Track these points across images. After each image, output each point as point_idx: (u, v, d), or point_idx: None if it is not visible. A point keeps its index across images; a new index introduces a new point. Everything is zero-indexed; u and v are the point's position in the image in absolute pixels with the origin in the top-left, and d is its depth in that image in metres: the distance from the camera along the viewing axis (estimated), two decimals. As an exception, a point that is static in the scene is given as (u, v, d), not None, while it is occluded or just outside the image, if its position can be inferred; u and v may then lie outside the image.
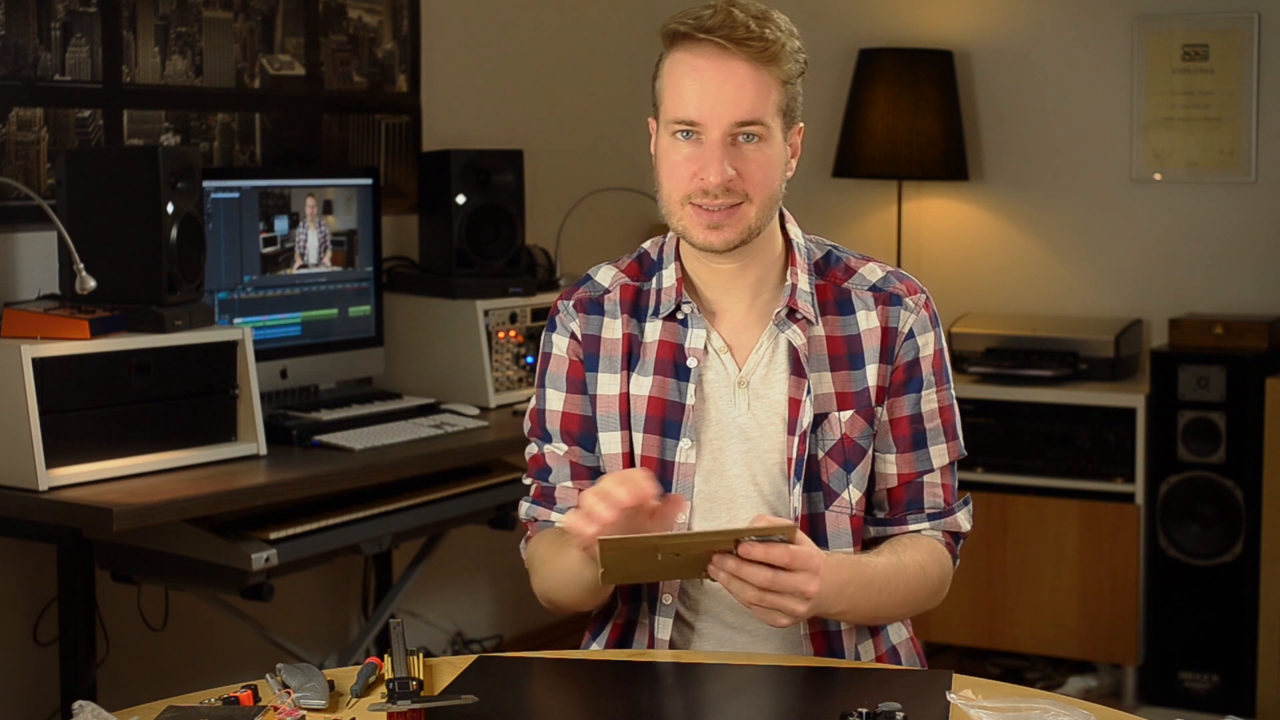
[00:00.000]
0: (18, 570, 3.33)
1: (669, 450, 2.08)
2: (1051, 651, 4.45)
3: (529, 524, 2.18)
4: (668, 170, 2.02)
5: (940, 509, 2.12)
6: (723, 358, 2.09)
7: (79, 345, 2.96)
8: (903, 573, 2.03)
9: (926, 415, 2.11)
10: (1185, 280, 4.61)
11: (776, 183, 2.03)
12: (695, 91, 1.98)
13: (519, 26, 4.61)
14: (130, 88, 3.53)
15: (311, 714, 1.78)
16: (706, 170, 1.98)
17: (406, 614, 4.23)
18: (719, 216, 2.00)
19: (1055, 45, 4.74)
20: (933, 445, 2.11)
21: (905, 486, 2.11)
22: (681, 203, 2.01)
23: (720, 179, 1.97)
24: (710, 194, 1.98)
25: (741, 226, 2.01)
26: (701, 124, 1.98)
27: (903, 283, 2.12)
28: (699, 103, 1.98)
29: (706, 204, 1.99)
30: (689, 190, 2.00)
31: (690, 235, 2.03)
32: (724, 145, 1.98)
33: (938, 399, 2.11)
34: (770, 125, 1.99)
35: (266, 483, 3.09)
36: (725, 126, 1.97)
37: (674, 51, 2.02)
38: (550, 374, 2.16)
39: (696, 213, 2.01)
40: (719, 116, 1.97)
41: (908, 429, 2.10)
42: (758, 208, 2.01)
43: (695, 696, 1.88)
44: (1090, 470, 4.34)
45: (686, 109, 1.98)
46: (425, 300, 3.93)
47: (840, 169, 4.75)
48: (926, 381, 2.11)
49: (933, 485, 2.12)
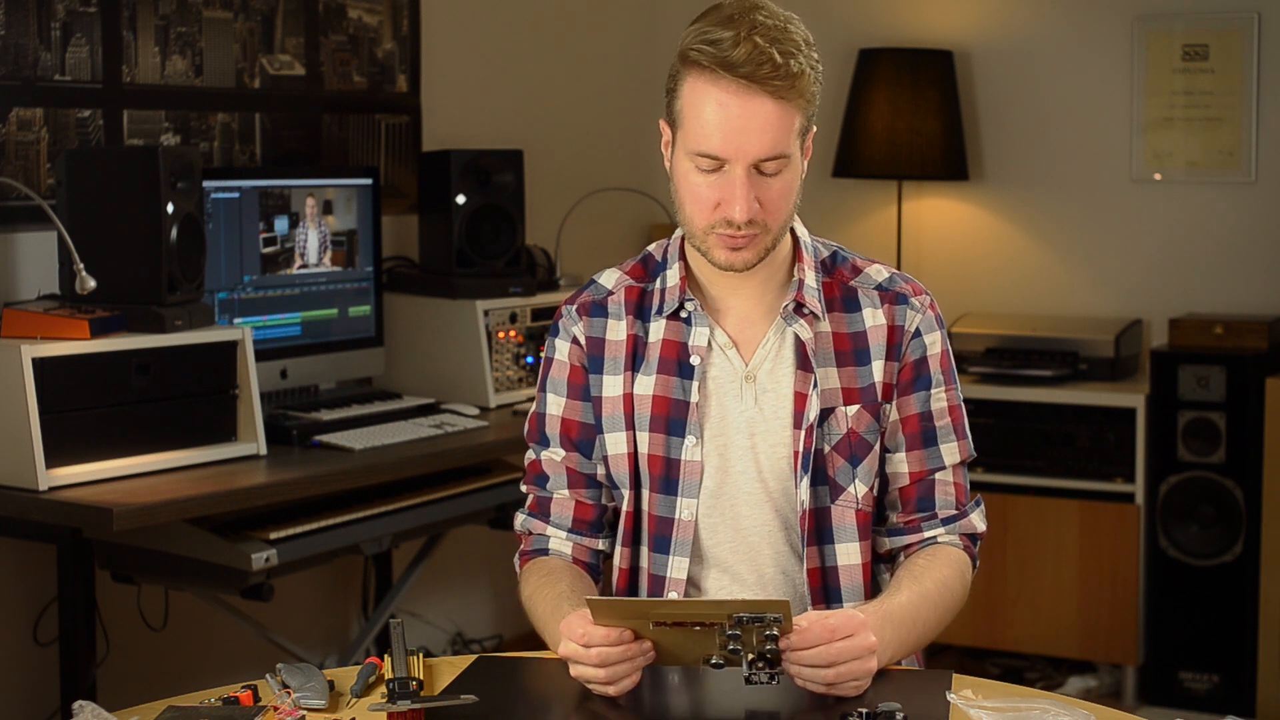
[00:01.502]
0: (18, 570, 3.33)
1: (674, 448, 2.08)
2: (1051, 651, 4.45)
3: (523, 536, 2.19)
4: (690, 196, 2.02)
5: (954, 511, 2.12)
6: (728, 353, 2.09)
7: (79, 345, 2.96)
8: (927, 599, 2.01)
9: (936, 414, 2.11)
10: (1185, 280, 4.61)
11: (793, 204, 2.04)
12: (719, 127, 1.96)
13: (519, 26, 4.61)
14: (130, 88, 3.53)
15: (311, 714, 1.78)
16: (730, 207, 1.98)
17: (406, 614, 4.23)
18: (741, 240, 2.01)
19: (1055, 45, 4.74)
20: (943, 443, 2.12)
21: (917, 484, 2.11)
22: (705, 230, 2.02)
23: (746, 216, 1.98)
24: (734, 225, 1.99)
25: (761, 248, 2.03)
26: (725, 159, 1.97)
27: (908, 284, 2.14)
28: (723, 139, 1.96)
29: (730, 233, 2.00)
30: (712, 221, 2.01)
31: (712, 257, 2.04)
32: (748, 180, 1.97)
33: (946, 398, 2.12)
34: (791, 153, 2.00)
35: (266, 483, 3.09)
36: (748, 162, 1.97)
37: (696, 78, 1.98)
38: (551, 379, 2.16)
39: (720, 239, 2.01)
40: (743, 153, 1.96)
41: (918, 426, 2.10)
42: (774, 233, 2.03)
43: (695, 697, 1.88)
44: (1090, 470, 4.34)
45: (710, 143, 1.97)
46: (425, 300, 3.93)
47: (840, 169, 4.75)
48: (935, 380, 2.11)
49: (945, 483, 2.12)
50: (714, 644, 1.76)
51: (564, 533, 2.14)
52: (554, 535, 2.14)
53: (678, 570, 2.08)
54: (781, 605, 1.74)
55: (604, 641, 1.79)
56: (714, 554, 2.10)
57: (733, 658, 1.76)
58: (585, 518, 2.14)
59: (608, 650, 1.79)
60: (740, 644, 1.75)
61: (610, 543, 2.15)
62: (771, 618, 1.74)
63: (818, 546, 2.08)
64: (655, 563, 2.10)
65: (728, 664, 1.77)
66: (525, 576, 2.13)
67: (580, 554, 2.14)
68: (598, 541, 2.15)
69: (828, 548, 2.08)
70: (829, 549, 2.08)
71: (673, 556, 2.08)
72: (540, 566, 2.12)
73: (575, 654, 1.81)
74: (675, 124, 2.03)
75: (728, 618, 1.74)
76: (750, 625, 1.74)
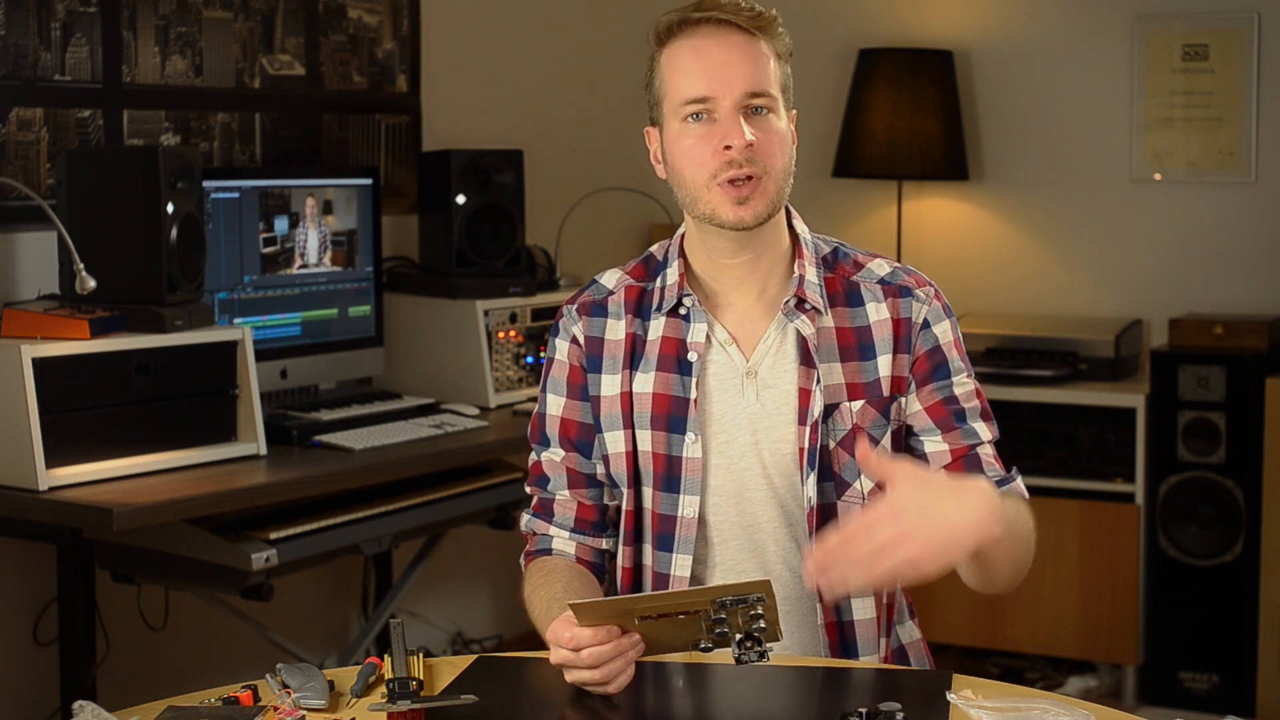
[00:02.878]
0: (18, 570, 3.33)
1: (675, 446, 2.08)
2: (1051, 651, 4.45)
3: (529, 536, 2.19)
4: (686, 157, 2.03)
5: (1001, 477, 2.08)
6: (728, 349, 2.09)
7: (79, 345, 2.96)
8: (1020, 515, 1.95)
9: (962, 397, 2.09)
10: (1185, 280, 4.61)
11: (788, 157, 2.05)
12: (701, 69, 2.00)
13: (519, 26, 4.61)
14: (130, 88, 3.53)
15: (311, 714, 1.78)
16: (729, 137, 1.99)
17: (406, 614, 4.23)
18: (746, 189, 2.00)
19: (1055, 45, 4.74)
20: (974, 422, 2.09)
21: (962, 460, 2.07)
22: (708, 184, 2.01)
23: (743, 140, 1.98)
24: (735, 163, 1.99)
25: (765, 199, 2.02)
26: (713, 98, 2.00)
27: (910, 276, 2.14)
28: (707, 78, 1.99)
29: (734, 175, 1.99)
30: (714, 167, 2.00)
31: (719, 215, 2.02)
32: (738, 114, 1.99)
33: (970, 383, 2.11)
34: (776, 98, 2.02)
35: (266, 483, 3.09)
36: (736, 97, 1.99)
37: (669, 44, 2.04)
38: (552, 379, 2.17)
39: (724, 190, 2.01)
40: (729, 88, 1.99)
41: (945, 410, 2.08)
42: (775, 181, 2.02)
43: (695, 696, 1.88)
44: (1090, 470, 4.34)
45: (695, 87, 2.00)
46: (425, 300, 3.93)
47: (840, 169, 4.75)
48: (954, 367, 2.10)
49: (987, 456, 2.09)
50: (701, 630, 1.78)
51: (567, 533, 2.14)
52: (557, 535, 2.14)
53: (681, 568, 2.08)
54: (763, 585, 1.75)
55: (593, 641, 1.79)
56: (719, 551, 2.10)
57: (721, 640, 1.77)
58: (588, 518, 2.14)
59: (598, 650, 1.79)
60: (727, 626, 1.76)
61: (615, 541, 2.15)
62: (755, 598, 1.75)
63: None
64: (659, 561, 2.10)
65: (717, 646, 1.78)
66: (527, 577, 2.13)
67: (584, 554, 2.14)
68: (601, 541, 2.14)
69: None
70: None
71: (676, 554, 2.08)
72: (541, 567, 2.12)
73: (567, 659, 1.81)
74: (657, 105, 2.06)
75: (711, 603, 1.75)
76: (735, 607, 1.75)
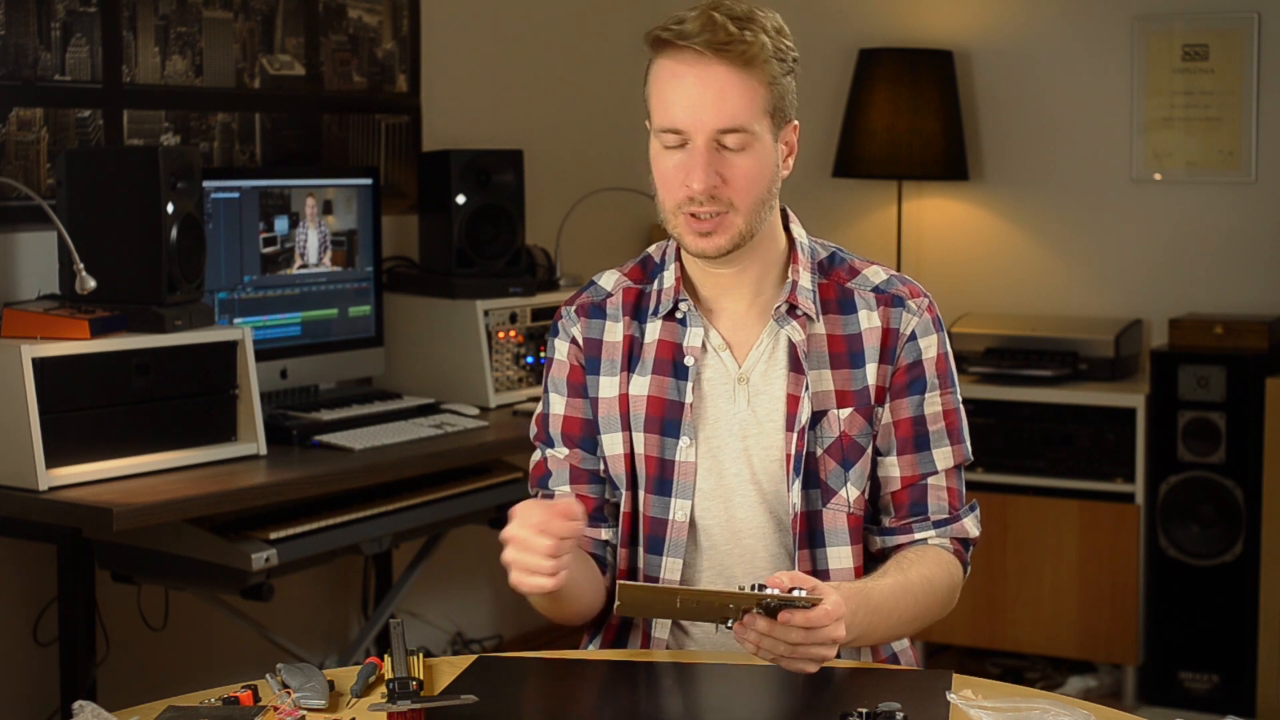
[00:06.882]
0: (18, 570, 3.34)
1: (669, 449, 2.08)
2: (1051, 651, 4.45)
3: None
4: (660, 178, 2.03)
5: (946, 515, 2.11)
6: (722, 355, 2.09)
7: (79, 345, 2.96)
8: (909, 591, 2.01)
9: (930, 418, 2.10)
10: (1185, 280, 4.61)
11: (764, 188, 2.02)
12: (678, 99, 1.98)
13: (519, 27, 4.61)
14: (130, 88, 3.53)
15: (311, 714, 1.78)
16: (691, 177, 1.98)
17: (406, 614, 4.23)
18: (709, 225, 2.00)
19: (1055, 45, 4.74)
20: (936, 448, 2.10)
21: (909, 489, 2.10)
22: (674, 211, 2.02)
23: (704, 185, 1.97)
24: (697, 200, 1.99)
25: (731, 234, 2.01)
26: (685, 131, 1.98)
27: (906, 286, 2.12)
28: (681, 110, 1.98)
29: (696, 211, 2.00)
30: (679, 199, 2.01)
31: (684, 242, 2.05)
32: (709, 152, 1.98)
33: (941, 402, 2.11)
34: (756, 130, 1.99)
35: (266, 483, 3.09)
36: (708, 133, 1.97)
37: (659, 58, 2.02)
38: (553, 379, 2.17)
39: (688, 221, 2.01)
40: (701, 123, 1.97)
41: (910, 431, 2.09)
42: (744, 215, 2.01)
43: (694, 696, 1.88)
44: (1090, 470, 4.34)
45: (671, 117, 1.99)
46: (425, 300, 3.93)
47: (840, 169, 4.75)
48: (930, 384, 2.10)
49: (937, 488, 2.11)
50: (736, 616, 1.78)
51: None
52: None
53: (671, 571, 2.08)
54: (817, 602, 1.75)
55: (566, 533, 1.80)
56: (709, 555, 2.10)
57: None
58: (587, 509, 2.13)
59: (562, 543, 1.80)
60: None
61: (614, 532, 2.15)
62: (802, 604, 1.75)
63: (810, 550, 2.07)
64: (649, 564, 2.10)
65: None
66: None
67: (584, 543, 2.13)
68: (600, 531, 2.14)
69: (819, 551, 2.07)
70: (820, 552, 2.07)
71: (666, 557, 2.08)
72: None
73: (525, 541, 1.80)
74: (648, 114, 2.05)
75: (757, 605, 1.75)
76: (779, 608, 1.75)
